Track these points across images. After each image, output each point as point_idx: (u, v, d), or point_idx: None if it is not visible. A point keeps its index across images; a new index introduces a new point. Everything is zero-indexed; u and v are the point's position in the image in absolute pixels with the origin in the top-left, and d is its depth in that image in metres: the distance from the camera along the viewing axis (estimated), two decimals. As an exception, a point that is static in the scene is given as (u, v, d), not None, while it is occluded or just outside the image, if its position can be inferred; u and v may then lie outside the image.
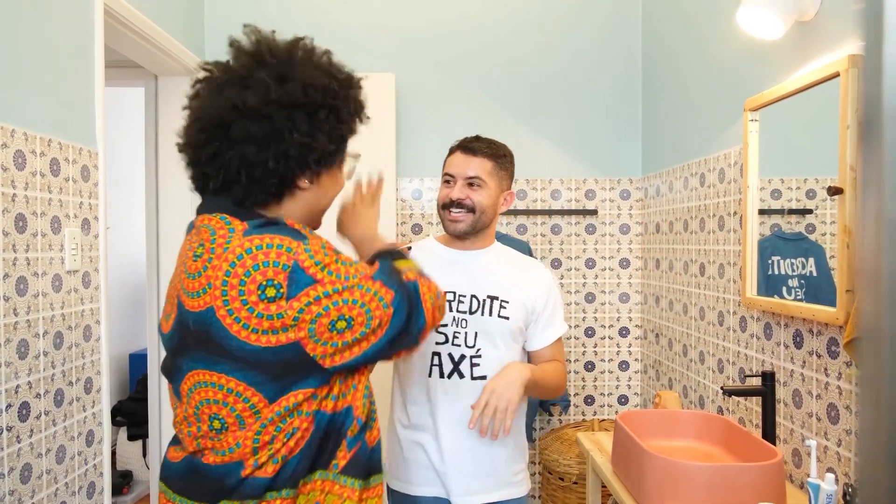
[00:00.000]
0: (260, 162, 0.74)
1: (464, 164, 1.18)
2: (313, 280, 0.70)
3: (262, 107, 0.73)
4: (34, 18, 1.27)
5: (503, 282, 1.19)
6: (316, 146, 0.76)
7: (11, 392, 1.17)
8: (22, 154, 1.21)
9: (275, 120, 0.73)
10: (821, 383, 1.24)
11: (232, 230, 0.74)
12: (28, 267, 1.23)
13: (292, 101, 0.74)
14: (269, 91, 0.73)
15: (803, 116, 1.32)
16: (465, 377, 1.15)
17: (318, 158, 0.77)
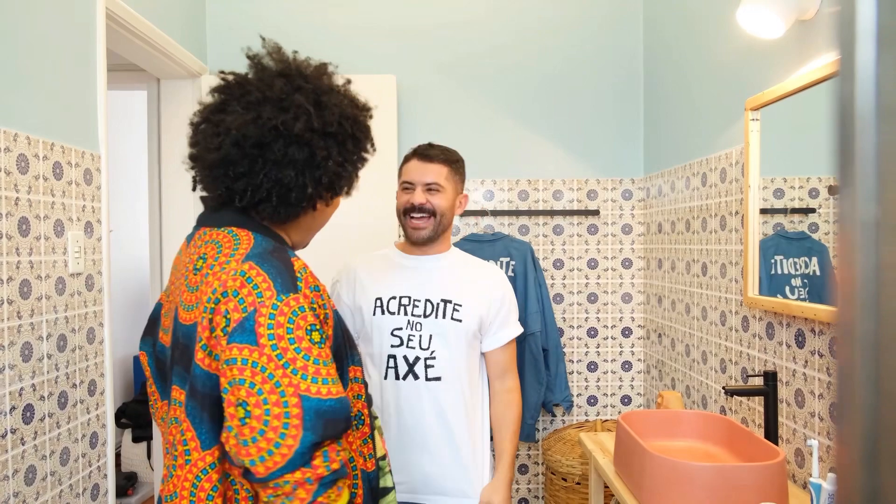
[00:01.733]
0: (297, 186, 0.74)
1: (422, 171, 1.22)
2: (255, 341, 0.64)
3: (304, 133, 0.73)
4: (36, 22, 1.27)
5: (457, 286, 1.23)
6: (345, 174, 0.78)
7: (16, 394, 1.18)
8: (25, 158, 1.22)
9: (314, 147, 0.74)
10: (823, 383, 1.23)
11: (237, 247, 0.72)
12: (31, 270, 1.24)
13: (329, 129, 0.75)
14: (311, 118, 0.74)
15: (805, 115, 1.31)
16: (419, 378, 1.20)
17: (344, 184, 0.80)
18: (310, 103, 0.74)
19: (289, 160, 0.73)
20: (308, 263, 0.76)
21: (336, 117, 0.76)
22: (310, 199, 0.76)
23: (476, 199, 2.28)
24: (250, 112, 0.73)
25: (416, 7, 2.27)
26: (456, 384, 1.21)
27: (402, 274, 1.25)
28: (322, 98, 0.76)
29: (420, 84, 2.26)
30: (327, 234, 2.65)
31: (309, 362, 0.65)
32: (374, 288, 1.24)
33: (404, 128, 2.23)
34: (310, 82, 0.77)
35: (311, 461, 0.63)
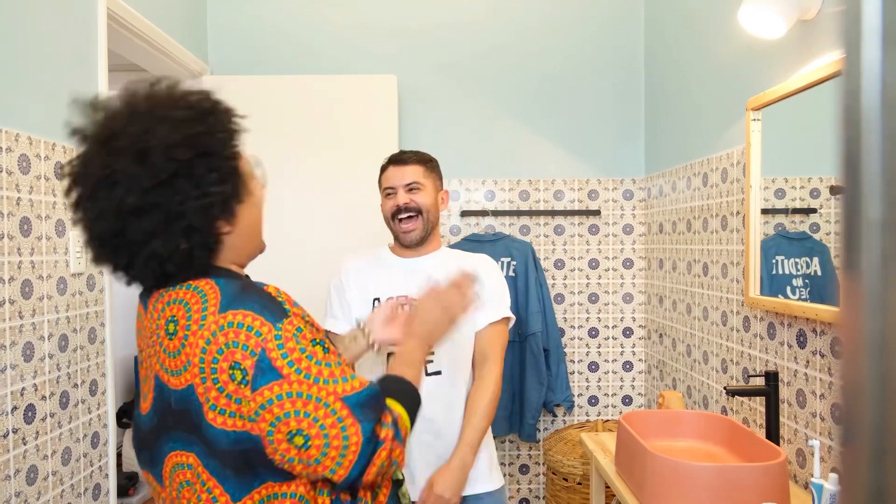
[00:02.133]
0: (174, 250, 0.67)
1: (399, 174, 1.27)
2: (279, 375, 0.65)
3: (142, 200, 0.65)
4: (38, 23, 1.28)
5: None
6: (215, 199, 0.68)
7: (17, 394, 1.18)
8: (26, 158, 1.22)
9: (164, 204, 0.66)
10: (824, 383, 1.23)
11: (205, 300, 0.68)
12: (33, 270, 1.24)
13: (165, 176, 0.65)
14: (139, 180, 0.65)
15: (806, 115, 1.31)
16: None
17: (223, 205, 0.70)
18: (131, 162, 0.65)
19: (148, 234, 0.66)
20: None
21: (162, 158, 0.65)
22: (200, 245, 0.69)
23: (477, 199, 2.29)
24: (90, 206, 0.67)
25: (416, 7, 2.27)
26: (457, 376, 1.23)
27: (395, 274, 1.27)
28: (140, 144, 0.66)
29: (421, 84, 2.26)
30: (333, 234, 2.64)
31: (332, 368, 0.68)
32: (369, 289, 1.26)
33: (405, 128, 2.23)
34: (124, 137, 0.66)
35: (378, 439, 0.68)
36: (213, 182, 0.68)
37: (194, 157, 0.67)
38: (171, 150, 0.66)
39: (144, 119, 0.67)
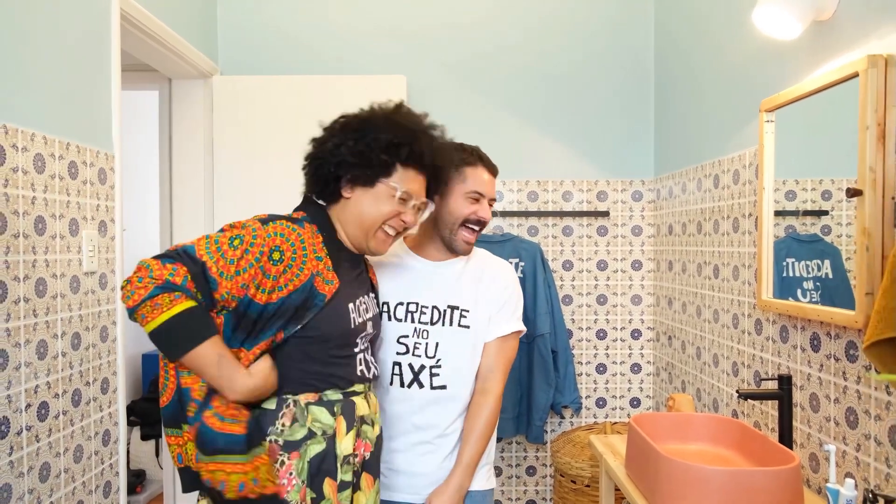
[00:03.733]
0: (309, 163, 1.10)
1: (491, 186, 1.23)
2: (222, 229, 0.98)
3: (323, 130, 1.10)
4: (52, 24, 1.28)
5: (465, 291, 1.21)
6: (338, 155, 1.03)
7: (31, 392, 1.19)
8: (41, 157, 1.23)
9: (322, 139, 1.09)
10: (839, 387, 1.22)
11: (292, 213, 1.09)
12: (47, 269, 1.25)
13: (337, 127, 1.08)
14: (332, 123, 1.11)
15: (819, 117, 1.30)
16: (424, 387, 1.18)
17: (339, 165, 1.03)
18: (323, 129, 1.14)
19: (311, 149, 1.11)
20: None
21: (342, 119, 1.10)
22: (317, 173, 1.07)
23: (485, 199, 2.29)
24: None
25: (425, 8, 2.27)
26: (461, 391, 1.19)
27: (410, 277, 1.22)
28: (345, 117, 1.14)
29: (430, 84, 2.26)
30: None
31: (215, 240, 0.93)
32: (381, 291, 1.21)
33: (414, 128, 2.23)
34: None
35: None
36: (348, 148, 1.04)
37: (354, 130, 1.06)
38: (350, 119, 1.09)
39: (375, 112, 1.11)
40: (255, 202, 2.10)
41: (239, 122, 2.08)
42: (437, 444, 1.19)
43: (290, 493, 0.95)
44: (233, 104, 2.09)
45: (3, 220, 1.12)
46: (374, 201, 1.03)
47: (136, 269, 0.90)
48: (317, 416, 0.99)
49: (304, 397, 0.99)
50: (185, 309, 0.88)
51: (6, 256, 1.13)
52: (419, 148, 1.05)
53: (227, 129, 2.09)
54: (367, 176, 1.03)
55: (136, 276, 0.89)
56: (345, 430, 1.01)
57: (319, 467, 0.97)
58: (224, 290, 0.91)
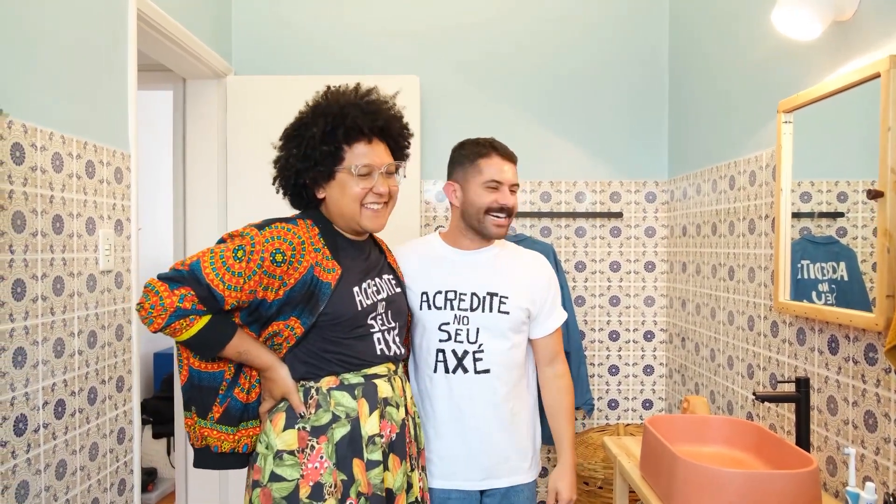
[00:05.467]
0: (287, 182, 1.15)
1: (510, 173, 1.27)
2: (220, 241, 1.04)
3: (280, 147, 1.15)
4: (71, 24, 1.29)
5: (502, 278, 1.25)
6: (290, 165, 1.10)
7: (48, 390, 1.20)
8: (59, 156, 1.24)
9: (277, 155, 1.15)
10: (857, 390, 1.21)
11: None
12: (64, 267, 1.25)
13: (283, 137, 1.13)
14: (279, 139, 1.15)
15: (837, 118, 1.29)
16: (468, 371, 1.23)
17: (297, 173, 1.09)
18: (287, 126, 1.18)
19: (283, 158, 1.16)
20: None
21: (288, 128, 1.14)
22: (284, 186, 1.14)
23: (496, 200, 2.28)
24: None
25: (438, 8, 2.27)
26: (504, 375, 1.24)
27: (447, 267, 1.26)
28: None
29: (442, 85, 2.26)
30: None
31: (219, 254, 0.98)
32: (419, 282, 1.25)
33: (427, 128, 2.23)
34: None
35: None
36: (292, 156, 1.09)
37: (294, 135, 1.10)
38: (291, 126, 1.13)
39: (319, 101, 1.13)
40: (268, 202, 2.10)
41: (252, 122, 2.08)
42: (483, 429, 1.22)
43: (323, 476, 1.01)
44: (246, 104, 2.09)
45: (22, 218, 1.13)
46: (342, 189, 1.08)
47: (145, 290, 0.97)
48: (339, 400, 1.04)
49: (326, 383, 1.05)
50: (202, 326, 0.98)
51: (25, 255, 1.14)
52: (353, 122, 1.06)
53: (241, 128, 2.09)
54: (322, 173, 1.08)
55: (147, 301, 0.95)
56: (367, 411, 1.05)
57: (347, 448, 1.02)
58: (232, 301, 0.99)
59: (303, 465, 1.01)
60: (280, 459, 1.02)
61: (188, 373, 1.04)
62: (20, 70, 1.14)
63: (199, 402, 1.04)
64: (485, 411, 1.22)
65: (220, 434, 1.05)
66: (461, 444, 1.22)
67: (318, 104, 1.10)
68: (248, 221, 1.07)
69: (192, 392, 1.04)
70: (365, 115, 1.08)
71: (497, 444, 1.23)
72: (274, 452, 1.03)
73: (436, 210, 2.30)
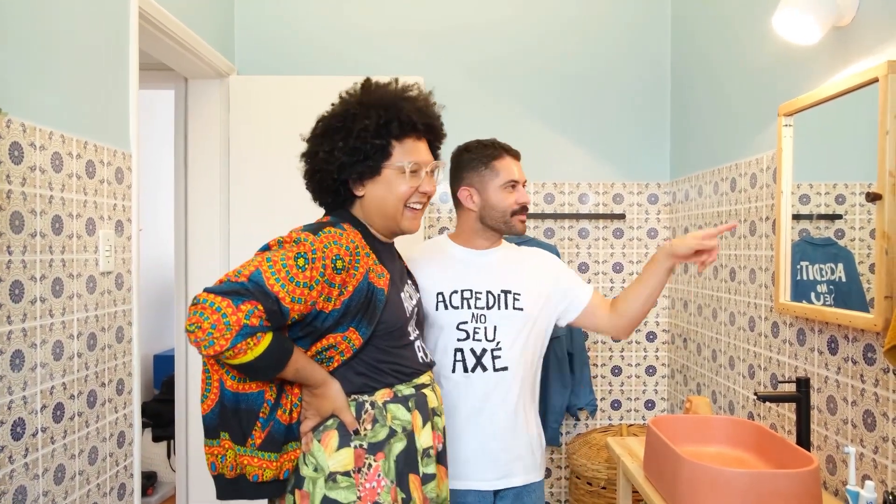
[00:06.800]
0: (309, 180, 1.07)
1: (520, 170, 1.29)
2: (266, 248, 0.93)
3: (309, 142, 1.06)
4: (71, 23, 1.28)
5: (513, 275, 1.28)
6: (334, 160, 1.00)
7: (46, 393, 1.18)
8: (59, 156, 1.23)
9: (313, 149, 1.04)
10: (857, 390, 1.22)
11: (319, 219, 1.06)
12: (64, 268, 1.24)
13: (318, 132, 1.04)
14: (315, 129, 1.05)
15: (836, 122, 1.30)
16: (488, 370, 1.23)
17: (341, 167, 1.01)
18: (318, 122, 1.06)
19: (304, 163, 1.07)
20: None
21: (322, 121, 1.04)
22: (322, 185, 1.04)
23: (497, 201, 2.28)
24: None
25: (442, 10, 2.27)
26: (520, 372, 1.25)
27: (460, 268, 1.27)
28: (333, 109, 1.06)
29: (447, 86, 2.25)
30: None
31: (280, 262, 0.88)
32: (433, 282, 1.25)
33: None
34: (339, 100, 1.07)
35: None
36: (339, 150, 1.00)
37: (339, 128, 1.01)
38: (330, 118, 1.04)
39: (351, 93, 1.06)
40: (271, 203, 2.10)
41: (255, 123, 2.07)
42: (500, 428, 1.23)
43: (381, 495, 0.94)
44: (249, 104, 2.08)
45: (20, 219, 1.12)
46: (388, 187, 1.01)
47: (199, 306, 0.82)
48: (395, 413, 0.98)
49: (381, 396, 0.98)
50: (268, 344, 0.85)
51: (23, 256, 1.12)
52: (406, 117, 1.01)
53: (243, 129, 2.08)
54: (370, 168, 1.01)
55: (206, 320, 0.81)
56: (421, 423, 1.01)
57: (404, 464, 0.97)
58: (295, 314, 0.89)
59: (360, 486, 0.93)
60: (333, 482, 0.93)
61: (219, 396, 0.91)
62: (19, 68, 1.12)
63: (236, 429, 0.90)
64: (501, 409, 1.23)
65: (261, 461, 0.91)
66: (478, 444, 1.22)
67: (365, 99, 1.02)
68: (250, 223, 1.04)
69: (226, 417, 0.90)
70: (418, 111, 1.03)
71: (512, 443, 1.24)
72: (326, 475, 0.93)
73: (439, 211, 2.30)
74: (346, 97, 1.04)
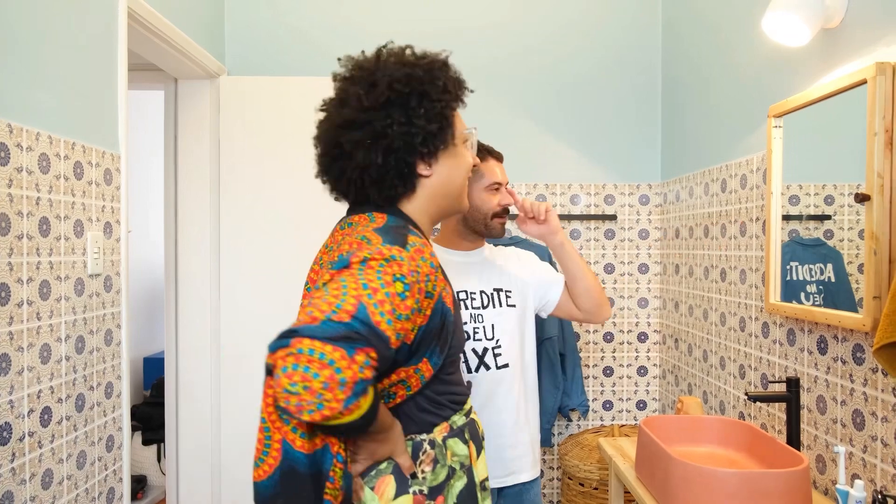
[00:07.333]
0: (371, 163, 0.81)
1: (503, 172, 1.31)
2: (347, 265, 0.71)
3: (357, 116, 0.80)
4: (60, 21, 1.27)
5: (502, 273, 1.30)
6: (417, 130, 0.81)
7: (34, 397, 1.17)
8: (46, 157, 1.21)
9: (374, 122, 0.80)
10: (846, 389, 1.23)
11: (368, 224, 0.81)
12: (51, 271, 1.23)
13: (383, 100, 0.80)
14: (361, 100, 0.80)
15: (825, 123, 1.31)
16: (491, 368, 1.25)
17: (424, 140, 0.82)
18: (363, 88, 0.81)
19: (355, 144, 0.80)
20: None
21: (385, 87, 0.80)
22: (391, 168, 0.81)
23: (489, 202, 2.28)
24: (324, 123, 0.84)
25: (436, 13, 2.27)
26: (520, 367, 1.28)
27: (450, 269, 1.28)
28: (374, 77, 0.81)
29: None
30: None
31: (382, 291, 0.68)
32: None
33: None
34: (363, 69, 0.83)
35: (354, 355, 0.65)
36: (420, 117, 0.81)
37: (410, 93, 0.80)
38: (393, 82, 0.80)
39: (382, 61, 0.83)
40: (263, 205, 2.09)
41: (246, 124, 2.06)
42: (506, 425, 1.25)
43: None
44: (240, 105, 2.07)
45: (6, 221, 1.10)
46: (457, 160, 0.86)
47: (302, 358, 0.61)
48: (454, 449, 0.85)
49: (439, 432, 0.84)
50: (373, 399, 0.67)
51: (10, 258, 1.11)
52: (458, 79, 0.88)
53: (234, 130, 2.07)
54: (446, 137, 0.84)
55: (315, 378, 0.61)
56: (476, 454, 0.89)
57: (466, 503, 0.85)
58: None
59: None
60: None
61: (281, 460, 0.70)
62: (5, 68, 1.11)
63: (307, 495, 0.71)
64: (506, 407, 1.25)
65: None
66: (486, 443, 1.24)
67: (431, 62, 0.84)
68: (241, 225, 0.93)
69: (293, 484, 0.70)
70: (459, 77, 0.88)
71: (517, 439, 1.26)
72: None
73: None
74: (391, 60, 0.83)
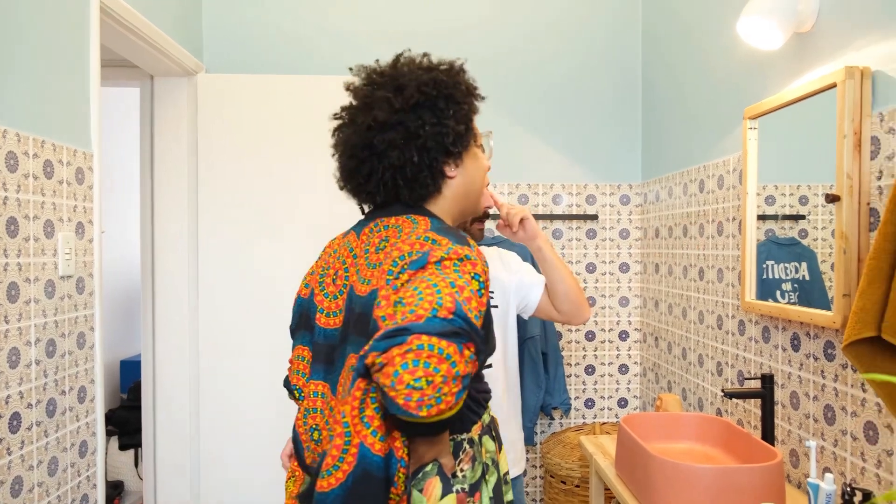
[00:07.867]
0: (407, 161, 0.83)
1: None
2: (424, 265, 0.72)
3: (391, 117, 0.83)
4: (27, 15, 1.23)
5: None
6: (447, 130, 0.85)
7: (2, 402, 1.13)
8: (14, 155, 1.18)
9: (407, 123, 0.83)
10: (818, 385, 1.26)
11: (415, 227, 0.82)
12: (20, 272, 1.19)
13: (414, 102, 0.84)
14: (392, 103, 0.83)
15: (798, 125, 1.34)
16: None
17: (454, 140, 0.86)
18: (390, 92, 0.84)
19: (390, 145, 0.83)
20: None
21: (414, 89, 0.84)
22: (424, 166, 0.85)
23: (472, 202, 2.29)
24: (350, 126, 0.87)
25: (416, 12, 2.26)
26: (501, 368, 1.29)
27: None
28: (399, 81, 0.85)
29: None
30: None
31: (467, 289, 0.70)
32: None
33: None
34: (385, 75, 0.87)
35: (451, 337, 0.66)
36: (449, 118, 0.85)
37: (437, 96, 0.84)
38: (421, 86, 0.84)
39: (406, 66, 0.87)
40: (241, 204, 2.07)
41: (225, 122, 2.03)
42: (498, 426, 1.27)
43: None
44: (218, 103, 2.03)
45: (-27, 221, 1.07)
46: (476, 162, 0.91)
47: (422, 353, 0.61)
48: (487, 446, 0.88)
49: (476, 430, 0.86)
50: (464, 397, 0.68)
51: (-23, 260, 1.08)
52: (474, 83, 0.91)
53: (213, 128, 2.03)
54: (469, 139, 0.89)
55: (437, 372, 0.61)
56: (498, 448, 0.92)
57: (497, 499, 0.87)
58: None
59: None
60: None
61: (355, 465, 0.67)
62: (-29, 65, 1.08)
63: (377, 500, 0.68)
64: (493, 404, 1.25)
65: None
66: None
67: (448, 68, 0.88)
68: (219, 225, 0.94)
69: (364, 491, 0.67)
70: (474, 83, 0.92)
71: (504, 436, 1.27)
72: None
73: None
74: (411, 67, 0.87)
